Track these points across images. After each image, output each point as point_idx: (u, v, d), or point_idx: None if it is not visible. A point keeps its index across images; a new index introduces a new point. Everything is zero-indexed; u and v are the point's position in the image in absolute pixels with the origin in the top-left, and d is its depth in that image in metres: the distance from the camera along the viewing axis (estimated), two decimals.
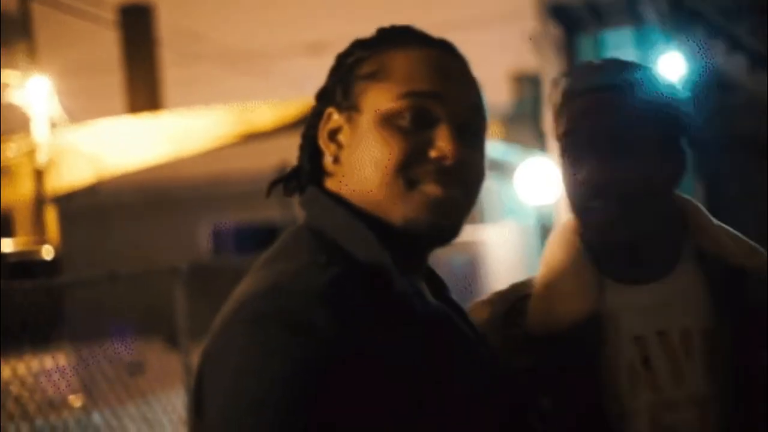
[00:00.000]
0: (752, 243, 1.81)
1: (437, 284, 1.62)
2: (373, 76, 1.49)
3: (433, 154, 1.46)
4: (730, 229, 1.81)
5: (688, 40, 15.50)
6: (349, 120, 1.50)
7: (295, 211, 1.64)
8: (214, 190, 19.89)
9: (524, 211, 19.27)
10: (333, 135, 1.52)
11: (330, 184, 1.53)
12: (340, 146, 1.52)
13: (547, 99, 1.80)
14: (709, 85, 16.47)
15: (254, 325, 1.33)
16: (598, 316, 1.73)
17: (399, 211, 1.46)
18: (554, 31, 15.46)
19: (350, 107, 1.50)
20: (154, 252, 18.53)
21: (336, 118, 1.52)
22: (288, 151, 1.78)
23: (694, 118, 1.77)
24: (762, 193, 21.48)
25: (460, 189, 1.49)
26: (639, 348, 1.71)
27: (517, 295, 1.83)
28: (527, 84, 31.94)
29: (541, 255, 1.85)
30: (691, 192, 2.14)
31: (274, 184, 1.62)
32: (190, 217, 20.61)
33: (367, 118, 1.48)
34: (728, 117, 21.27)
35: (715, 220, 1.81)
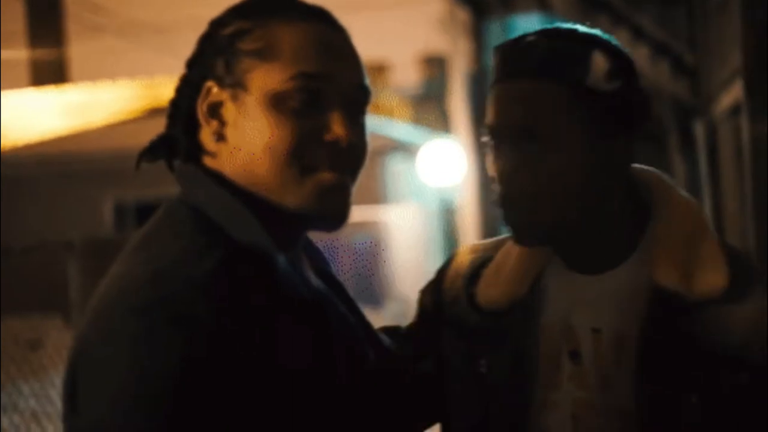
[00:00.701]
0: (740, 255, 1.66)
1: (316, 257, 1.62)
2: (260, 54, 1.45)
3: (327, 137, 1.44)
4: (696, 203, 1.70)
5: (593, 28, 15.68)
6: (235, 98, 1.46)
7: None
8: (117, 164, 19.63)
9: (427, 193, 19.37)
10: (214, 110, 1.48)
11: (210, 160, 1.49)
12: (223, 123, 1.47)
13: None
14: None
15: (138, 317, 1.30)
16: (534, 299, 1.70)
17: (292, 196, 1.44)
18: (462, 15, 15.55)
19: (235, 84, 1.46)
20: (56, 226, 18.23)
21: (216, 92, 1.47)
22: None
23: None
24: None
25: (350, 173, 1.48)
26: (569, 339, 1.65)
27: (486, 256, 1.81)
28: (435, 66, 32.02)
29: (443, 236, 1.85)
30: None
31: (143, 156, 1.57)
32: (92, 191, 20.30)
33: (255, 98, 1.45)
34: None
35: (684, 193, 1.70)
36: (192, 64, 1.53)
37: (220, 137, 1.47)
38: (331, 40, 1.49)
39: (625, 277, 1.63)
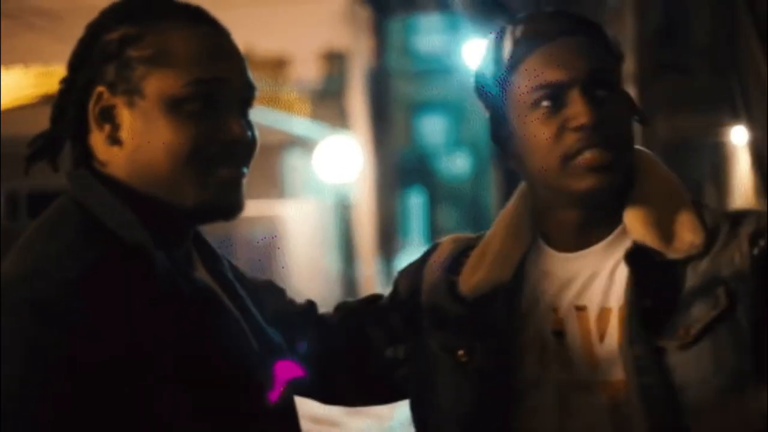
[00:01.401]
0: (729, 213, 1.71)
1: (210, 256, 1.64)
2: (154, 61, 1.48)
3: (224, 137, 1.49)
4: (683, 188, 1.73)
5: (495, 30, 15.85)
6: (130, 104, 1.48)
7: None
8: (8, 152, 19.27)
9: (324, 189, 19.38)
10: (106, 115, 1.49)
11: (100, 164, 1.51)
12: (116, 127, 1.49)
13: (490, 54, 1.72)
14: None
15: (9, 313, 1.33)
16: (519, 282, 1.70)
17: (192, 194, 1.48)
18: (363, 12, 15.59)
19: (130, 91, 1.48)
20: None
21: (108, 97, 1.49)
22: None
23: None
24: None
25: (245, 166, 1.54)
26: (553, 320, 1.66)
27: (469, 244, 1.80)
28: (336, 62, 32.04)
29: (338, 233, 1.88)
30: (491, 182, 2.15)
31: (30, 161, 1.58)
32: None
33: (152, 105, 1.48)
34: None
35: (664, 166, 1.74)
36: (75, 67, 1.53)
37: (114, 141, 1.49)
38: (219, 42, 1.53)
39: (605, 251, 1.66)
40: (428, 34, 29.72)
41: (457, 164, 30.56)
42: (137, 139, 1.48)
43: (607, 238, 1.66)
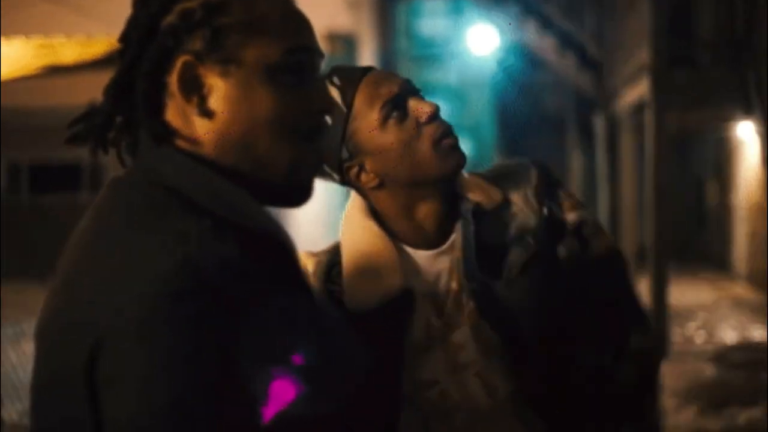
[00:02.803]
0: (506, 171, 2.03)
1: None
2: (250, 28, 1.43)
3: (316, 108, 1.47)
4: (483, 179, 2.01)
5: (502, 15, 15.79)
6: (225, 73, 1.42)
7: (100, 153, 1.50)
8: (11, 123, 19.20)
9: None
10: (193, 86, 1.42)
11: (186, 140, 1.44)
12: (204, 98, 1.42)
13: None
14: (519, 60, 16.81)
15: (183, 302, 1.27)
16: (404, 284, 1.89)
17: (285, 171, 1.45)
18: None
19: (226, 60, 1.42)
20: None
21: (195, 67, 1.42)
22: (94, 88, 1.63)
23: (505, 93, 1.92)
24: (561, 171, 22.11)
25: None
26: (433, 304, 1.92)
27: (333, 258, 1.98)
28: (340, 44, 31.99)
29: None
30: (492, 158, 2.26)
31: (85, 132, 1.48)
32: None
33: (250, 73, 1.42)
34: (536, 95, 21.78)
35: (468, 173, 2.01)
36: (141, 39, 1.44)
37: (205, 113, 1.42)
38: (296, 8, 1.50)
39: (454, 242, 1.94)
40: (431, 18, 29.68)
41: None
42: (234, 109, 1.42)
43: (452, 235, 1.94)
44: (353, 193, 2.00)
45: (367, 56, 15.20)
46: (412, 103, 1.89)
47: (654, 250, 10.44)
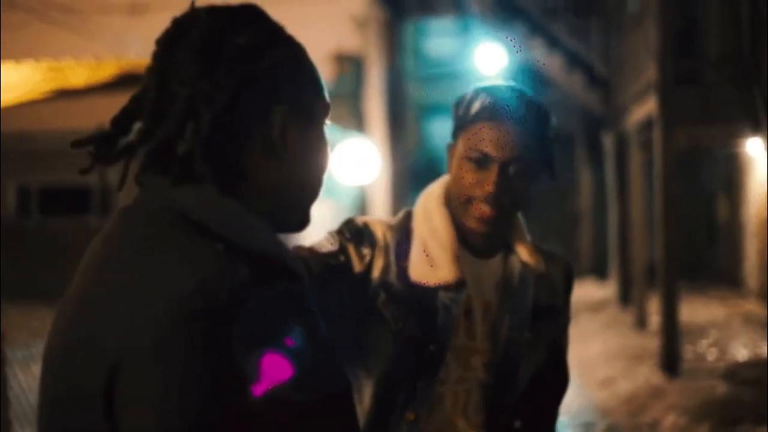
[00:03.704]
0: (551, 252, 2.45)
1: None
2: (316, 83, 1.56)
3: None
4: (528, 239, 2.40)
5: (509, 35, 15.81)
6: (302, 121, 1.52)
7: (109, 176, 1.50)
8: (20, 147, 19.24)
9: (340, 191, 19.34)
10: (282, 135, 1.49)
11: (243, 176, 1.48)
12: (285, 147, 1.50)
13: (456, 105, 2.29)
14: (527, 79, 16.79)
15: (198, 323, 1.30)
16: (460, 275, 2.26)
17: (308, 208, 1.58)
18: (379, 14, 15.52)
19: (304, 110, 1.53)
20: None
21: (286, 118, 1.49)
22: (103, 112, 1.64)
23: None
24: (570, 188, 22.10)
25: None
26: (465, 303, 2.28)
27: (402, 233, 2.32)
28: (348, 64, 32.04)
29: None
30: None
31: (102, 155, 1.48)
32: None
33: (316, 124, 1.55)
34: None
35: (523, 226, 2.42)
36: (244, 83, 1.48)
37: (278, 158, 1.50)
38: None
39: (499, 260, 2.35)
40: (439, 37, 29.71)
41: None
42: (299, 158, 1.53)
43: (498, 254, 2.34)
44: (429, 187, 2.39)
45: (374, 76, 15.21)
46: (491, 172, 2.22)
47: (664, 266, 10.41)
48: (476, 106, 2.26)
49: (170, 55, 1.46)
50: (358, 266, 2.28)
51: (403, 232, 2.34)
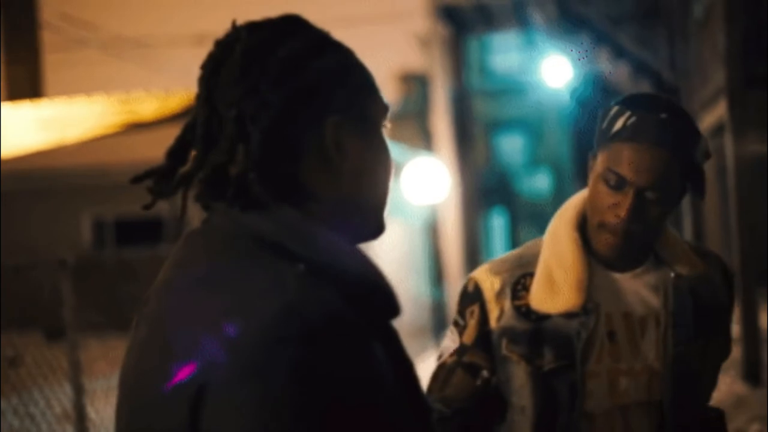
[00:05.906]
0: (705, 250, 2.35)
1: None
2: (370, 85, 1.52)
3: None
4: (684, 241, 2.30)
5: (575, 46, 15.72)
6: (358, 128, 1.48)
7: (179, 205, 1.48)
8: (95, 180, 19.54)
9: (410, 211, 19.36)
10: (339, 146, 1.45)
11: (308, 196, 1.44)
12: (344, 157, 1.45)
13: (601, 118, 2.18)
14: (594, 90, 16.70)
15: (288, 347, 1.27)
16: (588, 299, 2.17)
17: (380, 219, 1.53)
18: (443, 31, 15.52)
19: (361, 118, 1.48)
20: (33, 243, 18.10)
21: (340, 127, 1.45)
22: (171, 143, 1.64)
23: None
24: None
25: None
26: (606, 323, 2.18)
27: (523, 272, 2.25)
28: (413, 83, 32.08)
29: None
30: (572, 191, 2.40)
31: (183, 181, 1.46)
32: (70, 208, 20.20)
33: (373, 128, 1.50)
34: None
35: (674, 232, 2.31)
36: (299, 97, 1.44)
37: (339, 169, 1.45)
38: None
39: (646, 273, 2.23)
40: (503, 52, 29.63)
41: (538, 183, 30.44)
42: (361, 163, 1.48)
43: (640, 266, 2.23)
44: (564, 205, 2.30)
45: (440, 94, 15.21)
46: (626, 195, 2.11)
47: (742, 274, 10.25)
48: (618, 124, 2.14)
49: (215, 78, 1.43)
50: (473, 335, 2.25)
51: (525, 265, 2.25)
